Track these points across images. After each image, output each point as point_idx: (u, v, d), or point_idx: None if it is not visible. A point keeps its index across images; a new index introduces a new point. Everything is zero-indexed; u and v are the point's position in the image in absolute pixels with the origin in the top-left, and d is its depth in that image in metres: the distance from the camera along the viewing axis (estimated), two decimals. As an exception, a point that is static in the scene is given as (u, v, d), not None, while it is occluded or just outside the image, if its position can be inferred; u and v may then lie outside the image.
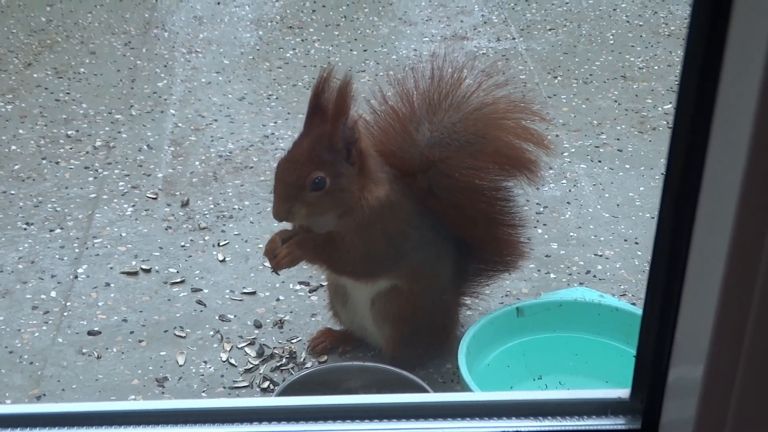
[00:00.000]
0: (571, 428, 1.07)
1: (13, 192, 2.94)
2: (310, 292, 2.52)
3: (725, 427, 0.89)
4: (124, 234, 2.74)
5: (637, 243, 2.72)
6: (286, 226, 2.12)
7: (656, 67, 3.80)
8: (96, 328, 2.38)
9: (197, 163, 3.12)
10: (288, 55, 3.91)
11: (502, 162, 2.16)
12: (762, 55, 0.75)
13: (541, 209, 2.87)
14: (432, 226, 2.14)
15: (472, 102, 2.14)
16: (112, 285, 2.54)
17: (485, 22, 4.20)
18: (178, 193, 2.94)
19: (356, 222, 2.01)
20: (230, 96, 3.57)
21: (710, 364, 0.87)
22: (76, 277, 2.56)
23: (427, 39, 4.06)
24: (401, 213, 2.07)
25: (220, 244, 2.71)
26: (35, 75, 3.69)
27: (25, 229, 2.76)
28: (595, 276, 2.58)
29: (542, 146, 2.19)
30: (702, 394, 0.89)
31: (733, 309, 0.84)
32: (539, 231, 2.76)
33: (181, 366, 2.27)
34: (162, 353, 2.31)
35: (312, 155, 1.95)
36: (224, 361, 2.29)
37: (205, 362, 2.29)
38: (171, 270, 2.60)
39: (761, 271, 0.81)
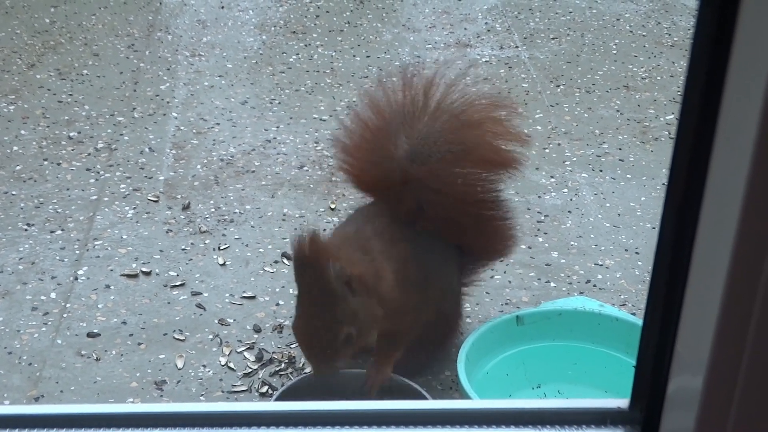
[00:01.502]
0: (569, 437, 1.07)
1: (14, 193, 2.94)
2: (309, 297, 2.51)
3: (724, 438, 0.89)
4: (124, 236, 2.74)
5: (637, 253, 2.72)
6: None
7: (659, 78, 3.81)
8: (95, 330, 2.38)
9: (199, 166, 3.12)
10: (291, 59, 3.92)
11: (485, 165, 2.18)
12: (767, 67, 0.75)
13: (542, 218, 2.87)
14: (428, 244, 2.15)
15: (447, 110, 2.14)
16: (112, 287, 2.53)
17: (489, 30, 4.20)
18: (179, 196, 2.95)
19: (394, 312, 2.02)
20: (233, 100, 3.58)
21: (710, 375, 0.87)
22: (76, 278, 2.56)
23: (430, 46, 4.07)
24: (411, 264, 2.08)
25: (221, 247, 2.71)
26: (38, 76, 3.69)
27: (26, 230, 2.76)
28: (595, 285, 2.58)
29: (520, 141, 2.21)
30: (702, 406, 0.88)
31: (734, 320, 0.84)
32: (540, 240, 2.76)
33: (179, 369, 2.27)
34: (161, 356, 2.31)
35: (327, 321, 1.91)
36: (223, 365, 2.29)
37: (204, 366, 2.28)
38: (171, 273, 2.60)
39: (763, 282, 0.81)
